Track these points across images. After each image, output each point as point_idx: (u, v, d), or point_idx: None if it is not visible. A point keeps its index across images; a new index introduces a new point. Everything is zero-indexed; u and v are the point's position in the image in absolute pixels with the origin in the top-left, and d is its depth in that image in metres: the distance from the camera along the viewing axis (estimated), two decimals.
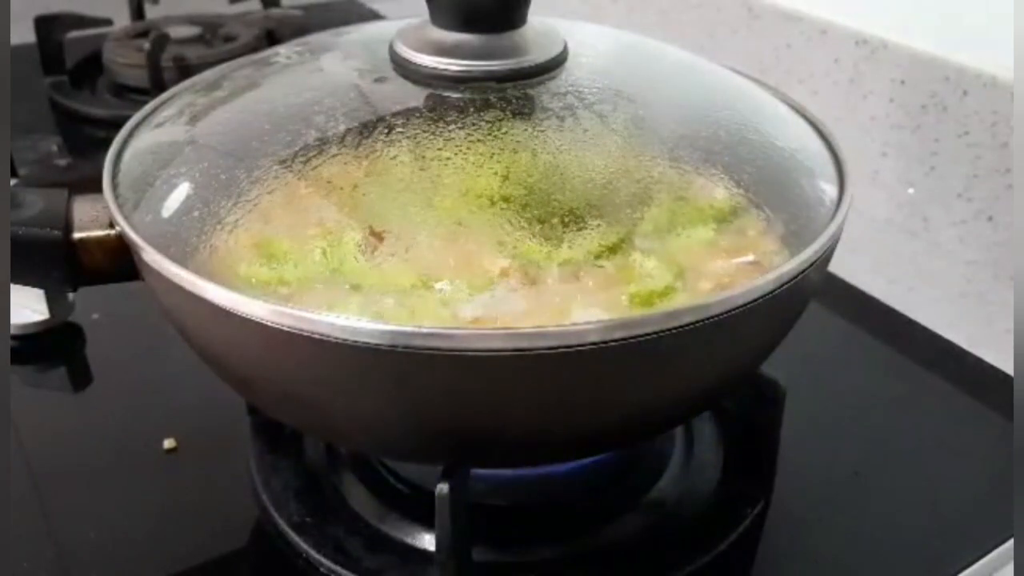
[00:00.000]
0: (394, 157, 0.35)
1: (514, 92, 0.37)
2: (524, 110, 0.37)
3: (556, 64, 0.39)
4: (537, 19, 0.40)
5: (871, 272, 0.62)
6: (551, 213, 0.34)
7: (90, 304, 0.57)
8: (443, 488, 0.35)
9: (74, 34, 0.87)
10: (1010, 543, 0.42)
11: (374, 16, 1.03)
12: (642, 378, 0.33)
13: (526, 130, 0.36)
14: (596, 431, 0.35)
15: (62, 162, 0.75)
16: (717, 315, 0.31)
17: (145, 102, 0.44)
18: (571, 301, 0.32)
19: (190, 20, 0.90)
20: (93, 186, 0.38)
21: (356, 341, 0.30)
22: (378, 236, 0.33)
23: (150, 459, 0.46)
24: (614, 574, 0.41)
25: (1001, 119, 0.60)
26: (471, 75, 0.38)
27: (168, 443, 0.47)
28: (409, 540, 0.41)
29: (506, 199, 0.34)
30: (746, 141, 0.39)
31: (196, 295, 0.32)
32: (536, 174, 0.34)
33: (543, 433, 0.34)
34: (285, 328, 0.31)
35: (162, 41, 0.81)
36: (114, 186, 0.38)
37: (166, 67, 0.81)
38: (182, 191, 0.37)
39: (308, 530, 0.42)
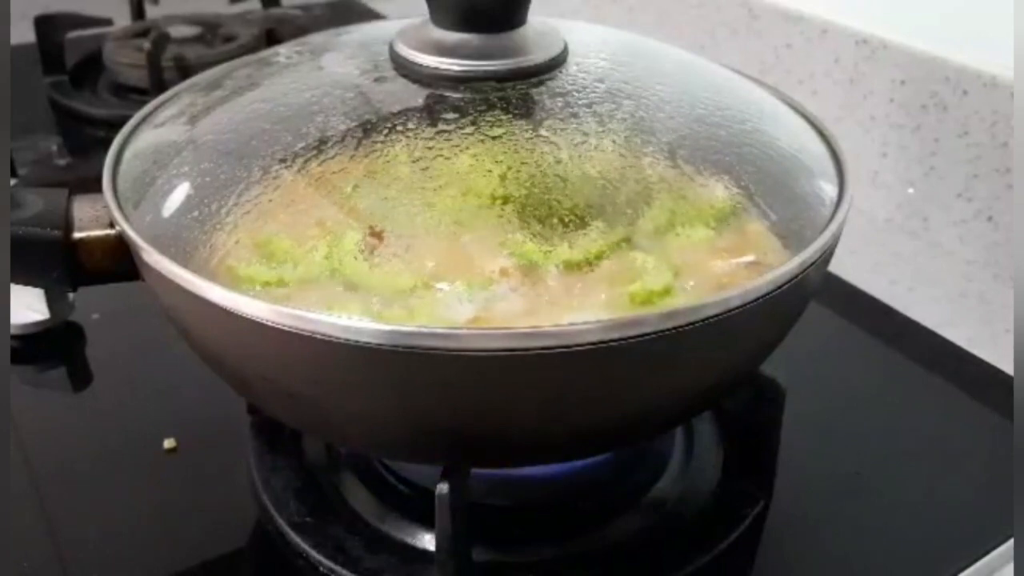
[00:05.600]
0: (394, 157, 0.35)
1: (514, 92, 0.37)
2: (524, 110, 0.37)
3: (556, 64, 0.39)
4: (537, 19, 0.40)
5: (871, 272, 0.62)
6: (551, 213, 0.34)
7: (90, 304, 0.57)
8: (443, 488, 0.35)
9: (74, 34, 0.87)
10: (1010, 543, 0.42)
11: (374, 16, 1.03)
12: (641, 378, 0.33)
13: (526, 130, 0.36)
14: (596, 431, 0.35)
15: (62, 162, 0.75)
16: (716, 315, 0.31)
17: (145, 102, 0.44)
18: (570, 301, 0.32)
19: (190, 20, 0.90)
20: (93, 186, 0.38)
21: (356, 341, 0.30)
22: (378, 236, 0.33)
23: (150, 459, 0.46)
24: (614, 574, 0.41)
25: (1001, 119, 0.60)
26: (471, 75, 0.38)
27: (168, 443, 0.47)
28: (409, 540, 0.41)
29: (506, 199, 0.34)
30: (746, 141, 0.39)
31: (196, 295, 0.32)
32: (536, 174, 0.34)
33: (543, 433, 0.34)
34: (285, 328, 0.31)
35: (162, 41, 0.81)
36: (114, 186, 0.38)
37: (166, 67, 0.81)
38: (182, 191, 0.37)
39: (308, 530, 0.42)
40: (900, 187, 0.67)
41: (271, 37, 0.88)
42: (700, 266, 0.34)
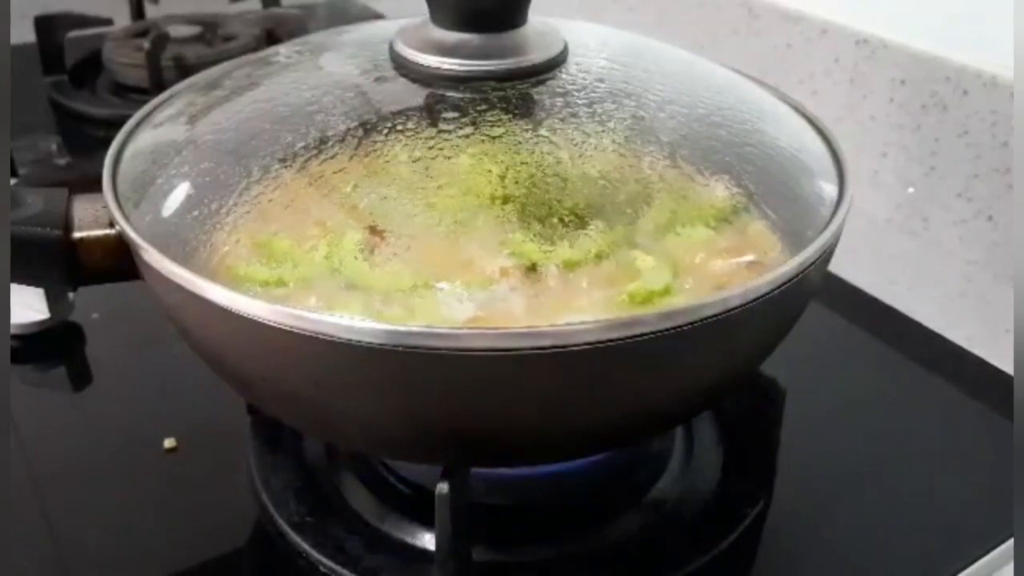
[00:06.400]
0: (394, 157, 0.35)
1: (514, 92, 0.37)
2: (524, 110, 0.37)
3: (556, 64, 0.39)
4: (537, 19, 0.40)
5: (871, 272, 0.62)
6: (551, 213, 0.34)
7: (90, 304, 0.57)
8: (443, 488, 0.35)
9: (74, 34, 0.88)
10: (1010, 543, 0.42)
11: (374, 16, 1.03)
12: (640, 378, 0.33)
13: (526, 130, 0.36)
14: (595, 431, 0.35)
15: (62, 162, 0.75)
16: (715, 315, 0.31)
17: (145, 102, 0.44)
18: (570, 301, 0.32)
19: (190, 20, 0.90)
20: (93, 186, 0.38)
21: (356, 341, 0.30)
22: (378, 235, 0.33)
23: (150, 459, 0.46)
24: (614, 574, 0.41)
25: (1001, 119, 0.60)
26: (471, 75, 0.38)
27: (168, 443, 0.47)
28: (409, 540, 0.41)
29: (506, 199, 0.34)
30: (746, 141, 0.39)
31: (196, 295, 0.32)
32: (536, 174, 0.34)
33: (542, 433, 0.34)
34: (285, 328, 0.31)
35: (162, 41, 0.81)
36: (114, 185, 0.38)
37: (166, 67, 0.81)
38: (182, 190, 0.37)
39: (308, 530, 0.42)
40: (900, 187, 0.67)
41: (271, 37, 0.89)
42: (700, 266, 0.34)
